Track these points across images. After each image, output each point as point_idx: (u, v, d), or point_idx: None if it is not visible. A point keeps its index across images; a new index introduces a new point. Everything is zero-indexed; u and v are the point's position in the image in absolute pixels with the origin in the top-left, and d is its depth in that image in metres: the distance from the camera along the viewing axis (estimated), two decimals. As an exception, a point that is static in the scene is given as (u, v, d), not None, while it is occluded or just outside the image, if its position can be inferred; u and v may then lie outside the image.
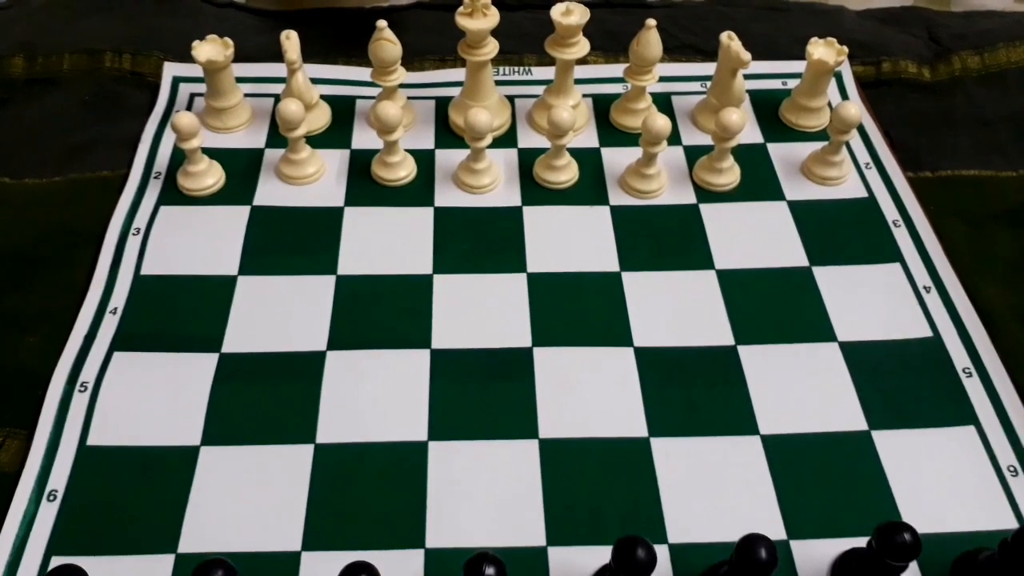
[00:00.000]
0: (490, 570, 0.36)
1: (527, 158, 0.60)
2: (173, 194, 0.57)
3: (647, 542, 0.36)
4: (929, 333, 0.51)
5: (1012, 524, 0.43)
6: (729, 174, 0.58)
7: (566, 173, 0.58)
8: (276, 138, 0.60)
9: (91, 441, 0.45)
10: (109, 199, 0.57)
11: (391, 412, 0.46)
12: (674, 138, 0.61)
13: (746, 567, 0.37)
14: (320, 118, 0.61)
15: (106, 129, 0.62)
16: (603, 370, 0.49)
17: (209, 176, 0.57)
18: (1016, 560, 0.38)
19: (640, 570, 0.36)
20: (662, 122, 0.54)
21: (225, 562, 0.36)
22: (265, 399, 0.47)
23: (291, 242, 0.55)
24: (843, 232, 0.56)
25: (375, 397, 0.47)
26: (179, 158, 0.58)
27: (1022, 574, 0.39)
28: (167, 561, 0.41)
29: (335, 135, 0.61)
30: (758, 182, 0.59)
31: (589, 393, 0.48)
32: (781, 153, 0.61)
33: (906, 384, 0.48)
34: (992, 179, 0.61)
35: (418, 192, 0.58)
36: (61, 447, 0.44)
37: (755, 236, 0.56)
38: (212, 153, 0.58)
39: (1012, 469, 0.45)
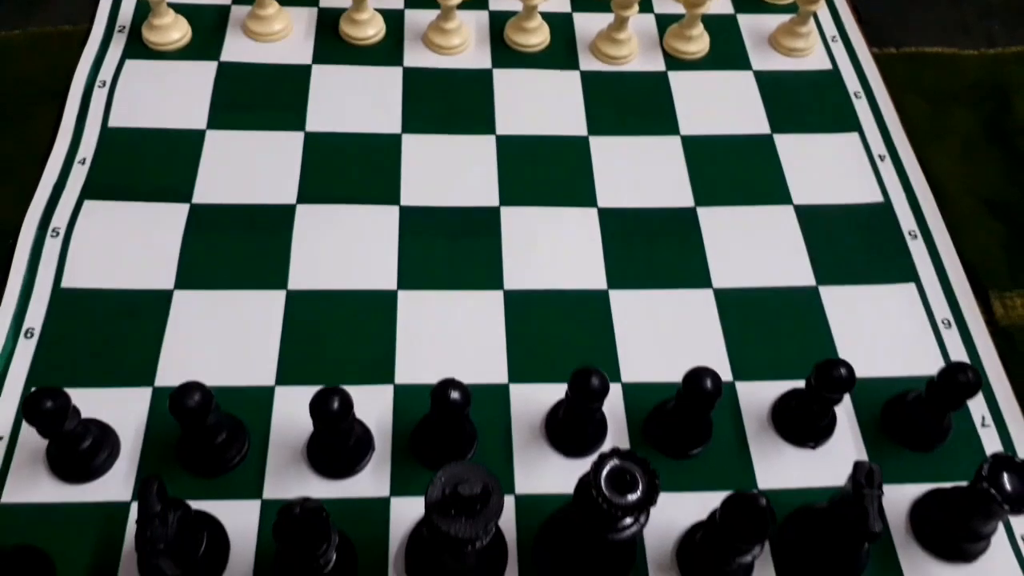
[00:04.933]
0: (455, 394, 0.38)
1: (498, 20, 0.59)
2: (138, 48, 0.56)
3: (601, 372, 0.39)
4: (880, 199, 0.53)
5: (941, 370, 0.46)
6: (699, 42, 0.58)
7: (537, 36, 0.58)
8: (242, -6, 0.58)
9: (65, 283, 0.46)
10: (71, 54, 0.55)
11: (361, 263, 0.48)
12: (646, 5, 0.61)
13: (692, 396, 0.39)
14: (287, -26, 0.60)
15: (65, -19, 0.60)
16: (567, 228, 0.50)
17: (175, 30, 0.56)
18: (940, 397, 0.42)
19: (593, 396, 0.39)
20: (633, -16, 0.54)
21: (202, 385, 0.38)
22: (236, 247, 0.48)
23: (259, 99, 0.54)
24: (806, 102, 0.57)
25: (345, 249, 0.48)
26: (143, 11, 0.57)
27: (947, 409, 0.43)
28: (144, 394, 0.42)
29: (303, -8, 0.60)
30: (726, 52, 0.60)
31: (553, 249, 0.49)
32: (750, 24, 0.61)
33: (854, 244, 0.51)
34: (954, 57, 0.62)
35: (387, 52, 0.57)
36: (36, 289, 0.45)
37: (720, 104, 0.57)
38: (178, 8, 0.57)
39: (946, 322, 0.48)
